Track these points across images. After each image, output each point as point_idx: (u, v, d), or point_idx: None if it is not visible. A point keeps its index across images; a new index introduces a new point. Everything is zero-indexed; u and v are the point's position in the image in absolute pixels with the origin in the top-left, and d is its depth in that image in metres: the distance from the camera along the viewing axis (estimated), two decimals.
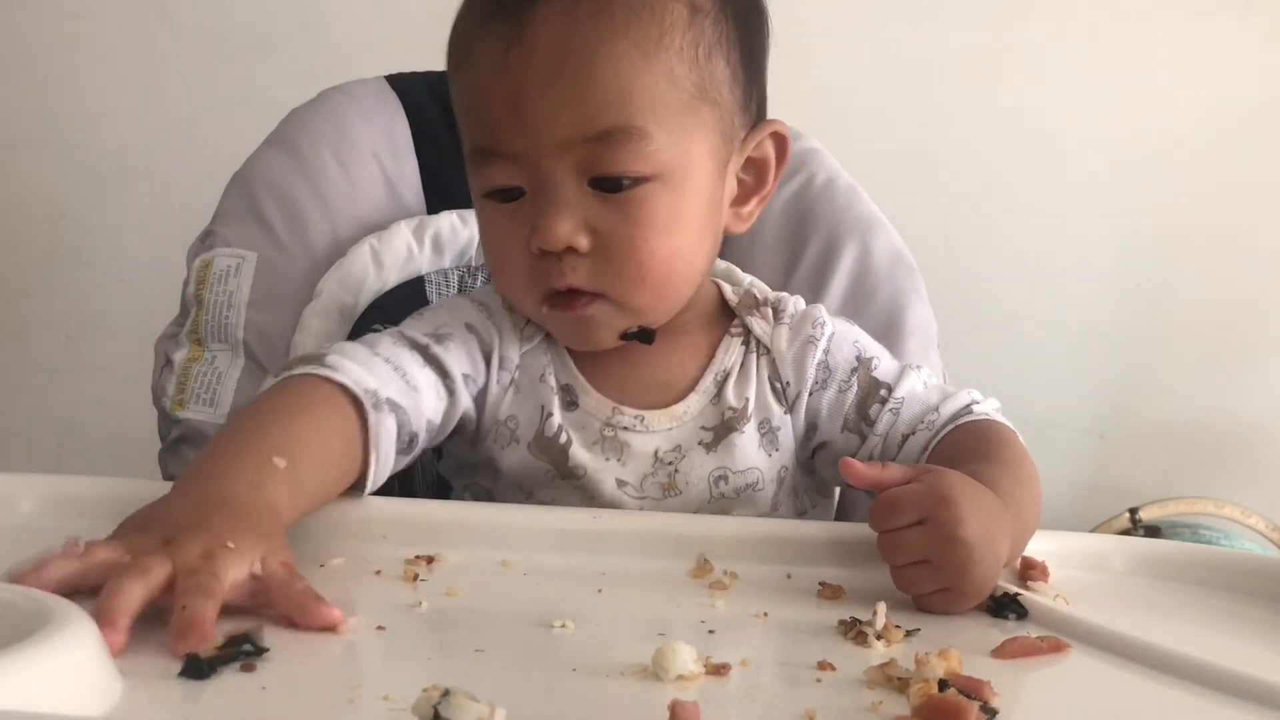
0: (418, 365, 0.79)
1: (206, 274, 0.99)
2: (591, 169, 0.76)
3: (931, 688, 0.48)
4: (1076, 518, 1.85)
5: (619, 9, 0.75)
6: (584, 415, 0.84)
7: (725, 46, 0.79)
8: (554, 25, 0.75)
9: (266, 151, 1.05)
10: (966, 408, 0.84)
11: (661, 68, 0.76)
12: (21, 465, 0.79)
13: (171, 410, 0.97)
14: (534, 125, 0.75)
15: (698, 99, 0.78)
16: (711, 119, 0.79)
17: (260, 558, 0.56)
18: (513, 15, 0.75)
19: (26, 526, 0.71)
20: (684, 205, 0.79)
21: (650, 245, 0.78)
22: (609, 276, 0.78)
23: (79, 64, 1.82)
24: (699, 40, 0.78)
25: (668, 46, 0.76)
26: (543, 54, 0.75)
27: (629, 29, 0.75)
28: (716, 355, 0.87)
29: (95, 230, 1.85)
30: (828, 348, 0.87)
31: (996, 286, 1.91)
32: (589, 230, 0.77)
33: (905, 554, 0.66)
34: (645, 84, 0.75)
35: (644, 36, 0.75)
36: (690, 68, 0.77)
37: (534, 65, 0.75)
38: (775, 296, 0.90)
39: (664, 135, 0.76)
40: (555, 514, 0.78)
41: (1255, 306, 1.95)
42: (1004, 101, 1.91)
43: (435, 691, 0.41)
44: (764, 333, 0.87)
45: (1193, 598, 0.77)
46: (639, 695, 0.49)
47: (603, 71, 0.75)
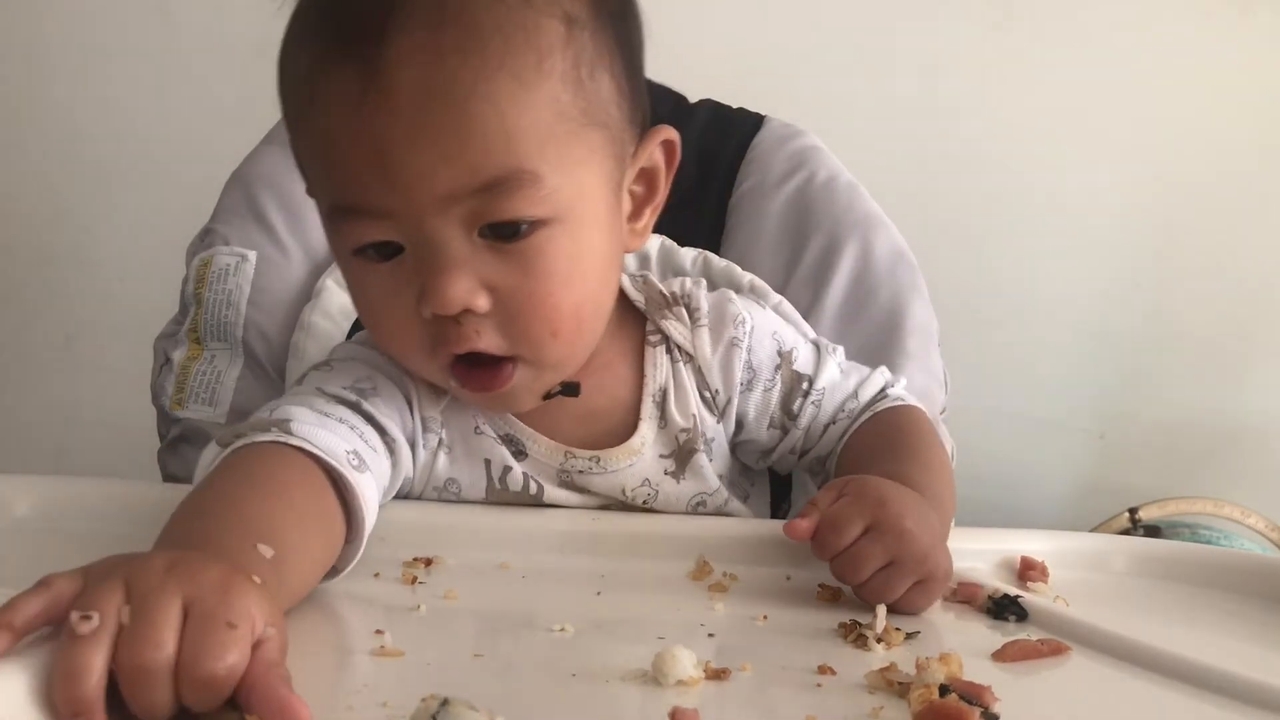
0: (362, 423, 0.71)
1: (206, 272, 0.99)
2: (479, 219, 0.66)
3: (932, 693, 0.48)
4: (1076, 518, 1.85)
5: (490, 37, 0.64)
6: (537, 463, 0.80)
7: (608, 58, 0.70)
8: (416, 64, 0.63)
9: (265, 149, 1.05)
10: (881, 392, 0.86)
11: (545, 99, 0.66)
12: (21, 465, 0.79)
13: (171, 409, 0.97)
14: (407, 183, 0.65)
15: (586, 125, 0.69)
16: (602, 143, 0.70)
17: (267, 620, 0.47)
18: (361, 52, 0.64)
19: (26, 527, 0.71)
20: (586, 245, 0.70)
21: (556, 299, 0.69)
22: (516, 335, 0.70)
23: (79, 63, 1.82)
24: (580, 58, 0.68)
25: (549, 73, 0.66)
26: (407, 99, 0.63)
27: (504, 60, 0.64)
28: (646, 373, 0.82)
29: (95, 230, 1.84)
30: (750, 346, 0.84)
31: (996, 286, 1.91)
32: (486, 288, 0.68)
33: (867, 565, 0.65)
34: (531, 121, 0.65)
35: (522, 66, 0.65)
36: (575, 93, 0.68)
37: (398, 112, 0.64)
38: (683, 291, 0.85)
39: (557, 175, 0.67)
40: (555, 516, 0.77)
41: (1255, 307, 1.95)
42: (1005, 100, 1.90)
43: (434, 701, 0.41)
44: (684, 338, 0.83)
45: (1193, 598, 0.77)
46: (639, 701, 0.48)
47: (480, 114, 0.64)
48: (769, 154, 1.12)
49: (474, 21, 0.64)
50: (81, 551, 0.68)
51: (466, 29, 0.64)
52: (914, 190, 1.78)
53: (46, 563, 0.66)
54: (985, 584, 0.69)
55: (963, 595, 0.69)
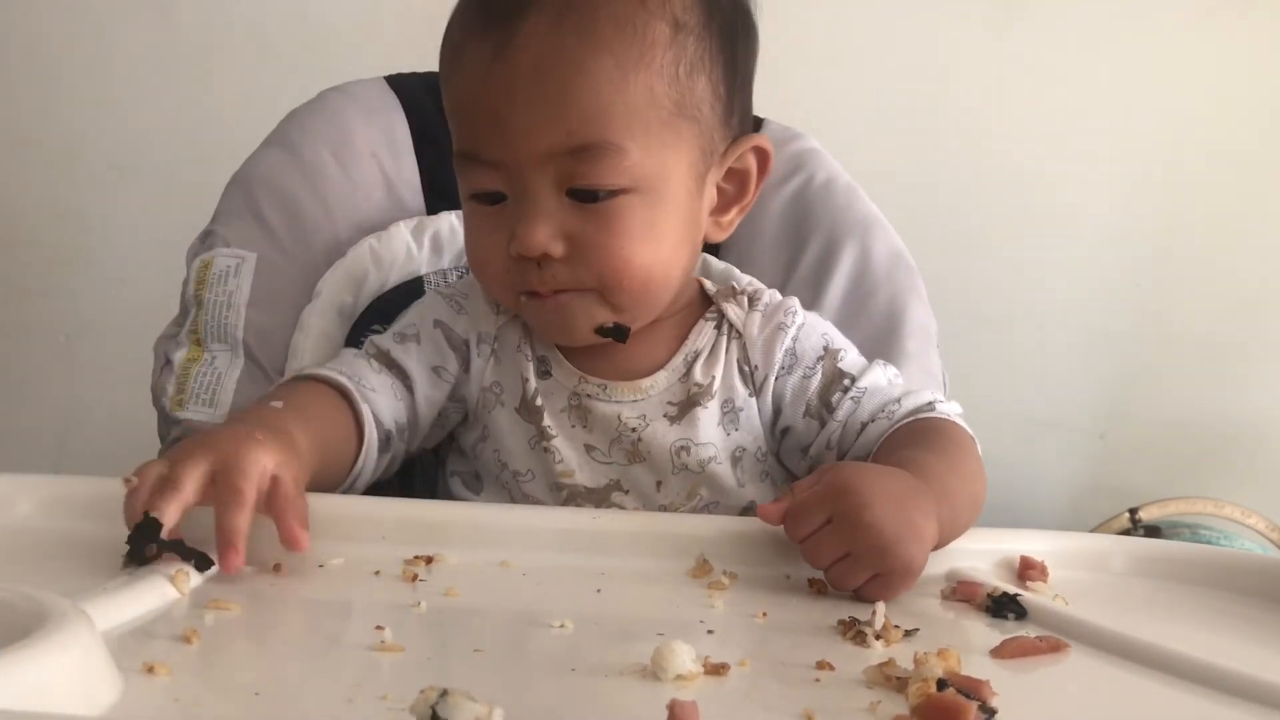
0: (372, 372, 0.86)
1: (206, 274, 0.99)
2: (569, 180, 0.78)
3: (930, 687, 0.48)
4: (1076, 518, 1.85)
5: (605, 25, 0.77)
6: (554, 384, 0.88)
7: (707, 64, 0.81)
8: (539, 39, 0.76)
9: (266, 152, 1.05)
10: (929, 404, 0.85)
11: (641, 86, 0.77)
12: (21, 465, 0.80)
13: (171, 410, 0.97)
14: (514, 137, 0.77)
15: (677, 116, 0.79)
16: (690, 134, 0.81)
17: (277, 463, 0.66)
18: (500, 26, 0.77)
19: (26, 527, 0.71)
20: (659, 216, 0.80)
21: (625, 253, 0.80)
22: (586, 280, 0.81)
23: (79, 63, 1.82)
24: (680, 58, 0.79)
25: (649, 64, 0.77)
26: (526, 68, 0.76)
27: (612, 46, 0.76)
28: (688, 339, 0.89)
29: (95, 230, 1.84)
30: (796, 335, 0.89)
31: (996, 286, 1.91)
32: (565, 238, 0.79)
33: (826, 554, 0.68)
34: (624, 102, 0.77)
35: (626, 54, 0.77)
36: (670, 85, 0.78)
37: (517, 79, 0.76)
38: (754, 288, 0.93)
39: (640, 151, 0.78)
40: (554, 514, 0.78)
41: (1255, 307, 1.95)
42: (1004, 102, 1.90)
43: (433, 692, 0.41)
44: (737, 317, 0.89)
45: (1193, 598, 0.77)
46: (638, 695, 0.49)
47: (583, 88, 0.76)
48: None
49: (594, 12, 0.77)
50: (81, 551, 0.68)
51: (585, 16, 0.77)
52: (913, 192, 1.78)
53: (46, 563, 0.66)
54: (985, 583, 0.70)
55: (962, 594, 0.69)
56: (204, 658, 0.50)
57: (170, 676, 0.46)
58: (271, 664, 0.52)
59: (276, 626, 0.59)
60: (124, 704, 0.43)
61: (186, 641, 0.50)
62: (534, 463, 0.87)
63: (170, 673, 0.46)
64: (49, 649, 0.41)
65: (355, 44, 1.74)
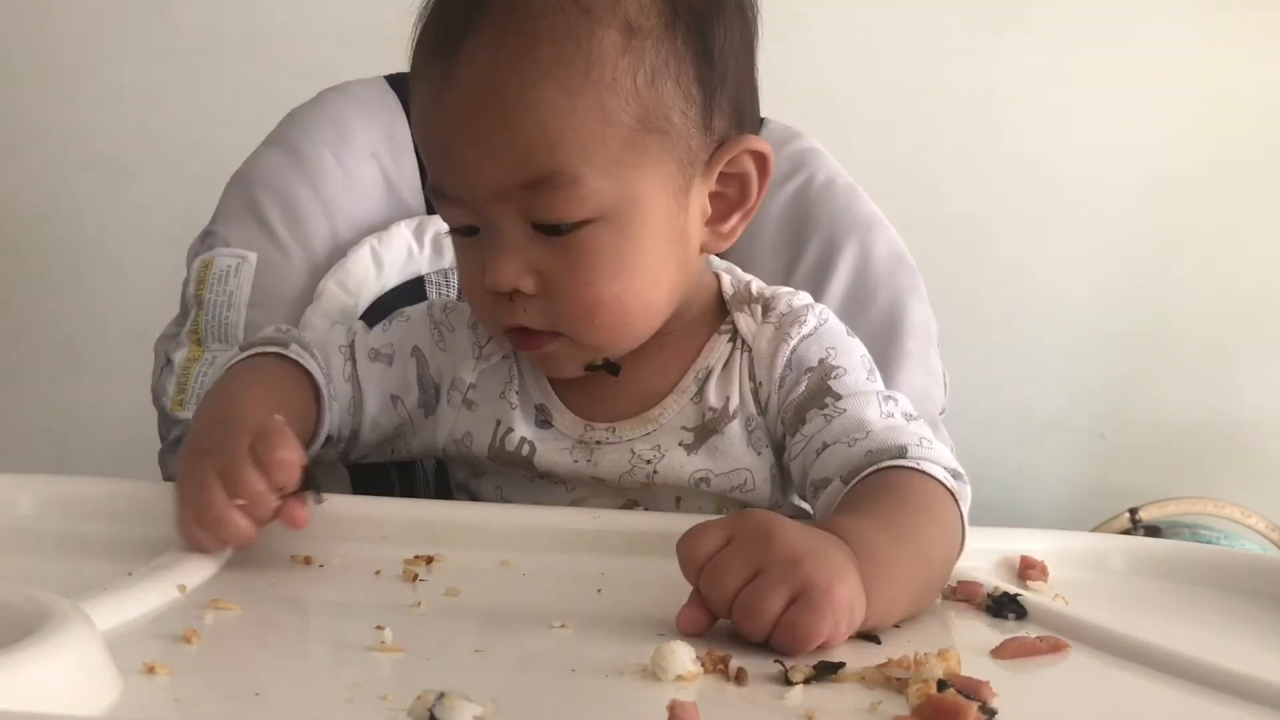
0: (341, 378, 0.84)
1: (206, 274, 0.99)
2: (530, 214, 0.73)
3: (930, 688, 0.48)
4: (1076, 518, 1.85)
5: (544, 45, 0.70)
6: (557, 433, 0.83)
7: (674, 67, 0.73)
8: (479, 65, 0.71)
9: (266, 152, 1.05)
10: (900, 449, 0.72)
11: (590, 105, 0.71)
12: (21, 465, 0.80)
13: (172, 410, 0.97)
14: (467, 174, 0.74)
15: (640, 131, 0.72)
16: (659, 148, 0.74)
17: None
18: (445, 50, 0.73)
19: (26, 527, 0.71)
20: (633, 242, 0.75)
21: (596, 289, 0.75)
22: (558, 317, 0.76)
23: (78, 64, 1.82)
24: (638, 66, 0.72)
25: (597, 80, 0.71)
26: (467, 98, 0.72)
27: (552, 67, 0.70)
28: (700, 355, 0.83)
29: (95, 230, 1.84)
30: (796, 347, 0.81)
31: (997, 287, 1.91)
32: (535, 273, 0.75)
33: (731, 576, 0.56)
34: (572, 126, 0.71)
35: (569, 74, 0.70)
36: (627, 99, 0.72)
37: (460, 111, 0.72)
38: (770, 293, 0.86)
39: (599, 177, 0.72)
40: (555, 514, 0.78)
41: (1255, 307, 1.95)
42: (1004, 101, 1.90)
43: (430, 695, 0.41)
44: (748, 330, 0.83)
45: (1193, 598, 0.77)
46: (638, 695, 0.49)
47: (524, 117, 0.70)
48: None
49: (534, 29, 0.70)
50: (81, 551, 0.68)
51: (526, 36, 0.70)
52: (913, 191, 1.78)
53: (47, 562, 0.66)
54: (985, 582, 0.69)
55: (962, 593, 0.69)
56: (204, 658, 0.50)
57: (170, 676, 0.46)
58: (271, 664, 0.52)
59: (276, 626, 0.59)
60: (124, 704, 0.43)
61: (186, 641, 0.50)
62: (538, 495, 0.84)
63: (170, 673, 0.46)
64: (49, 649, 0.41)
65: (355, 44, 1.74)
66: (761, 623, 0.55)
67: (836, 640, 0.56)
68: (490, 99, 0.71)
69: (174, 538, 0.66)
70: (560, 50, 0.70)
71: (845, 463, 0.74)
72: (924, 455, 0.71)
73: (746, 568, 0.56)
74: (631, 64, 0.72)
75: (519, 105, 0.70)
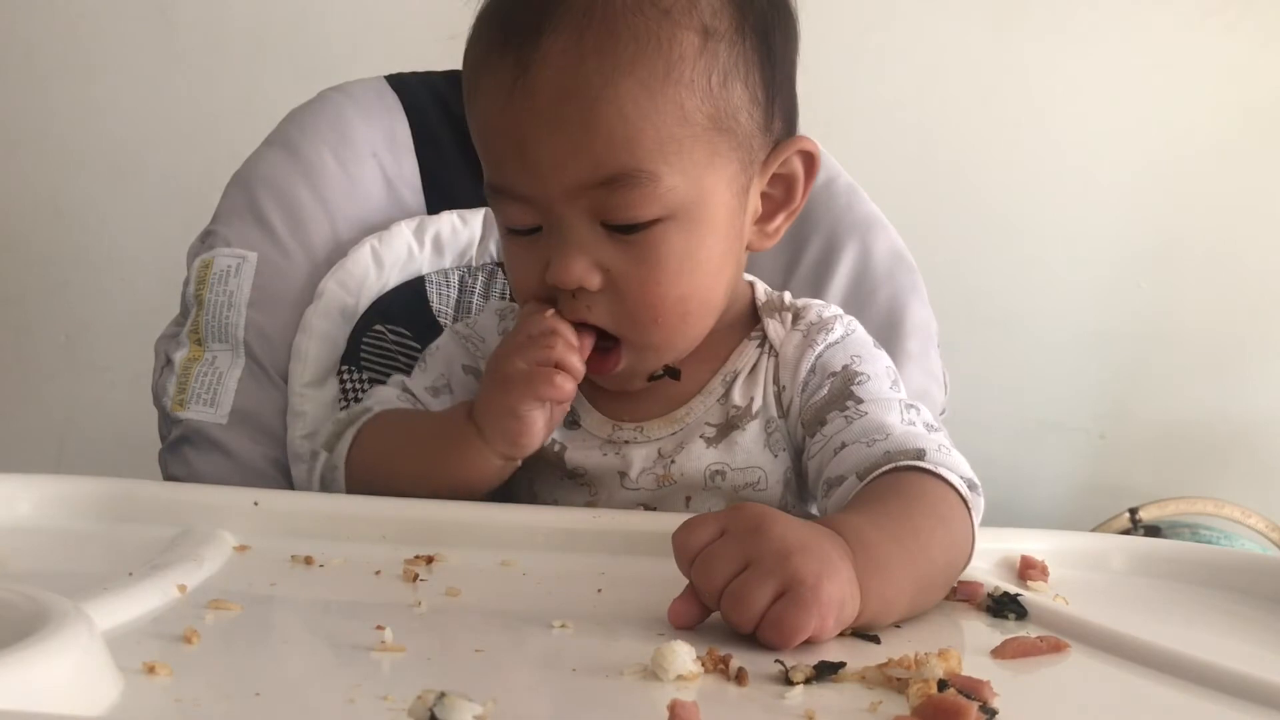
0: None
1: (206, 274, 0.99)
2: (602, 213, 0.74)
3: (931, 688, 0.48)
4: (1076, 518, 1.85)
5: (625, 43, 0.71)
6: (585, 433, 0.85)
7: (743, 69, 0.75)
8: (558, 64, 0.71)
9: (266, 151, 1.05)
10: (920, 451, 0.72)
11: (670, 104, 0.72)
12: (21, 465, 0.79)
13: (172, 410, 0.97)
14: (541, 172, 0.74)
15: (712, 130, 0.74)
16: (727, 148, 0.76)
17: None
18: (517, 49, 0.73)
19: (26, 526, 0.71)
20: (700, 241, 0.76)
21: (663, 289, 0.76)
22: (621, 316, 0.77)
23: (79, 64, 1.82)
24: (712, 68, 0.74)
25: (676, 80, 0.72)
26: (546, 96, 0.72)
27: (634, 66, 0.71)
28: (730, 358, 0.85)
29: (95, 230, 1.85)
30: (822, 352, 0.83)
31: (996, 286, 1.91)
32: (601, 270, 0.75)
33: (721, 567, 0.57)
34: (652, 124, 0.72)
35: (650, 73, 0.72)
36: (703, 99, 0.73)
37: (537, 108, 0.72)
38: (802, 304, 0.88)
39: (675, 175, 0.73)
40: (555, 514, 0.78)
41: (1255, 306, 1.95)
42: (1004, 101, 1.90)
43: (430, 695, 0.41)
44: (776, 335, 0.85)
45: (1193, 598, 0.77)
46: (638, 695, 0.49)
47: (606, 115, 0.71)
48: None
49: (614, 29, 0.72)
50: (81, 551, 0.68)
51: (606, 35, 0.72)
52: (914, 191, 1.78)
53: (47, 562, 0.66)
54: (985, 582, 0.69)
55: (963, 593, 0.69)
56: (204, 658, 0.50)
57: (170, 676, 0.46)
58: (271, 664, 0.52)
59: (276, 626, 0.59)
60: (124, 704, 0.43)
61: (186, 641, 0.50)
62: (562, 494, 0.86)
63: (170, 673, 0.46)
64: (49, 649, 0.41)
65: (355, 44, 1.74)
66: (748, 615, 0.55)
67: (823, 635, 0.56)
68: (571, 95, 0.71)
69: (174, 538, 0.67)
70: (641, 50, 0.72)
71: (862, 460, 0.74)
72: (941, 460, 0.72)
73: (736, 560, 0.57)
74: (707, 65, 0.73)
75: (601, 103, 0.71)
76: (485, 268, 1.06)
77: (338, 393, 1.00)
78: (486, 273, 1.06)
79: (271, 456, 0.97)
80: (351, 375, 1.00)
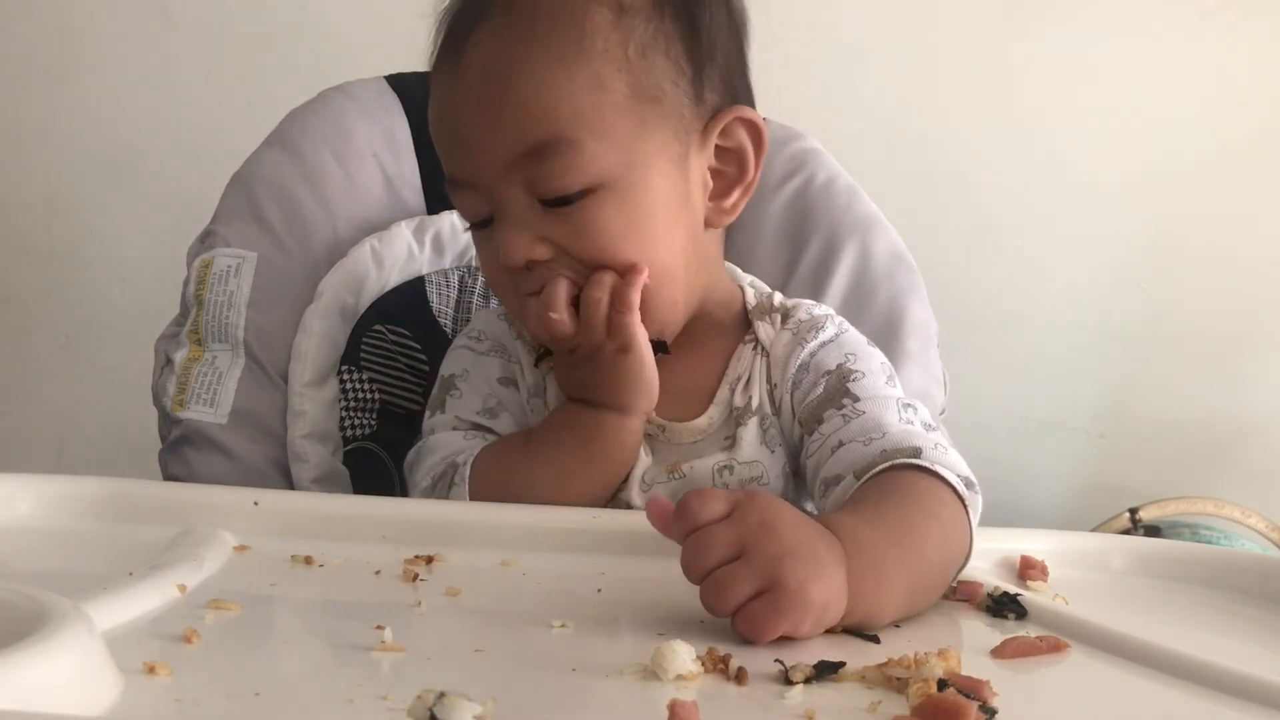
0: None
1: (206, 274, 0.99)
2: (535, 188, 0.77)
3: (930, 687, 0.48)
4: (1076, 518, 1.85)
5: (541, 22, 0.76)
6: None
7: (663, 41, 0.78)
8: (484, 48, 0.77)
9: (266, 151, 1.05)
10: (916, 449, 0.72)
11: (584, 74, 0.76)
12: (21, 465, 0.79)
13: (172, 410, 0.97)
14: (474, 151, 0.78)
15: (634, 99, 0.77)
16: (656, 117, 0.78)
17: None
18: (456, 43, 0.78)
19: (26, 526, 0.71)
20: (637, 208, 0.78)
21: (609, 253, 0.78)
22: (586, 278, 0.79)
23: (79, 64, 1.82)
24: (628, 40, 0.77)
25: (589, 51, 0.76)
26: (472, 78, 0.77)
27: (550, 41, 0.76)
28: (730, 365, 0.87)
29: (95, 230, 1.85)
30: (815, 351, 0.85)
31: (996, 286, 1.91)
32: (546, 242, 0.78)
33: (715, 550, 0.57)
34: (569, 93, 0.75)
35: (564, 46, 0.76)
36: (620, 68, 0.77)
37: (467, 91, 0.77)
38: (792, 304, 0.89)
39: (598, 142, 0.76)
40: (555, 514, 0.78)
41: (1255, 306, 1.95)
42: (1004, 101, 1.91)
43: (430, 694, 0.41)
44: (767, 337, 0.87)
45: (1193, 598, 0.77)
46: (638, 695, 0.49)
47: (525, 87, 0.75)
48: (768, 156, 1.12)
49: (534, 12, 0.77)
50: (81, 551, 0.68)
51: (527, 18, 0.77)
52: (914, 191, 1.78)
53: (47, 562, 0.66)
54: (985, 582, 0.69)
55: (962, 593, 0.69)
56: (204, 658, 0.50)
57: (170, 676, 0.46)
58: (271, 664, 0.52)
59: (276, 626, 0.59)
60: (124, 704, 0.43)
61: (186, 641, 0.50)
62: None
63: (170, 673, 0.46)
64: (49, 649, 0.41)
65: (355, 44, 1.74)
66: (725, 605, 0.57)
67: (798, 636, 0.57)
68: (491, 75, 0.76)
69: (174, 538, 0.67)
70: (555, 27, 0.76)
71: (859, 459, 0.74)
72: (938, 459, 0.72)
73: (733, 547, 0.57)
74: (622, 38, 0.77)
75: (518, 77, 0.76)
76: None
77: (338, 393, 1.00)
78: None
79: (271, 456, 0.97)
80: (351, 375, 1.00)
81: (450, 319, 1.04)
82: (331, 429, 0.98)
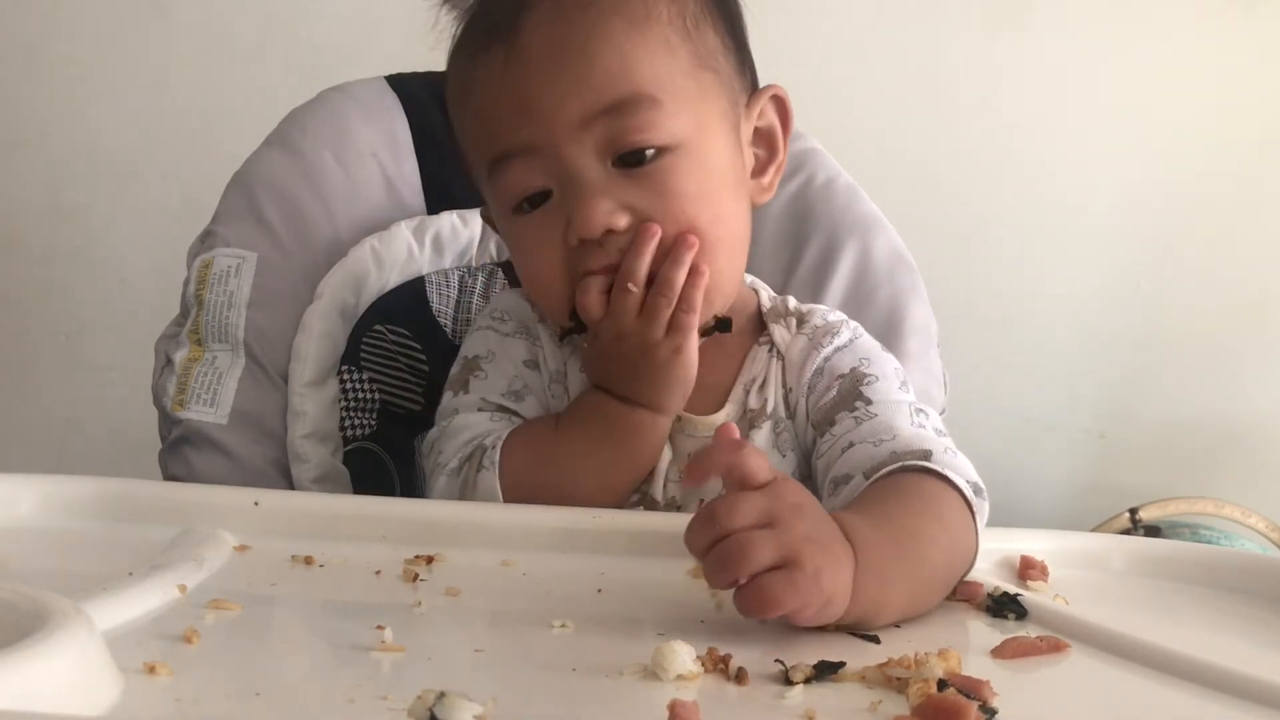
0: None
1: (206, 274, 0.99)
2: (612, 145, 0.77)
3: (931, 687, 0.48)
4: (1076, 518, 1.85)
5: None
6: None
7: (710, 17, 0.81)
8: (543, 26, 0.77)
9: (267, 152, 1.05)
10: (926, 452, 0.72)
11: (656, 37, 0.78)
12: (21, 465, 0.79)
13: (172, 410, 0.97)
14: (546, 115, 0.77)
15: (697, 67, 0.79)
16: (715, 85, 0.80)
17: None
18: (505, 32, 0.78)
19: (26, 526, 0.71)
20: (709, 172, 0.79)
21: (691, 215, 0.77)
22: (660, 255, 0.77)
23: (79, 64, 1.82)
24: (684, 11, 0.80)
25: (657, 18, 0.78)
26: (538, 52, 0.77)
27: (616, 9, 0.77)
28: (745, 365, 0.87)
29: (95, 230, 1.85)
30: (830, 356, 0.85)
31: (996, 286, 1.91)
32: (625, 208, 0.77)
33: (746, 514, 0.57)
34: (645, 54, 0.77)
35: (632, 12, 0.78)
36: (683, 37, 0.79)
37: (533, 64, 0.77)
38: (807, 309, 0.90)
39: (674, 102, 0.77)
40: (555, 514, 0.78)
41: (1255, 307, 1.95)
42: (1004, 101, 1.91)
43: (430, 694, 0.41)
44: (783, 340, 0.87)
45: (1193, 598, 0.77)
46: (638, 695, 0.49)
47: (601, 50, 0.76)
48: None
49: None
50: (81, 551, 0.68)
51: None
52: (914, 191, 1.78)
53: (47, 562, 0.66)
54: (985, 582, 0.69)
55: (962, 593, 0.69)
56: (204, 658, 0.50)
57: (170, 676, 0.46)
58: (271, 664, 0.52)
59: (276, 626, 0.59)
60: (124, 704, 0.43)
61: (186, 641, 0.50)
62: None
63: (170, 673, 0.46)
64: (49, 649, 0.41)
65: (355, 44, 1.74)
66: (743, 567, 0.56)
67: (799, 620, 0.57)
68: (565, 43, 0.77)
69: (174, 538, 0.67)
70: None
71: (868, 460, 0.75)
72: (948, 463, 0.72)
73: (764, 515, 0.58)
74: (679, 9, 0.79)
75: (592, 40, 0.77)
76: (485, 268, 1.06)
77: (338, 393, 1.00)
78: (486, 273, 1.06)
79: (271, 456, 0.97)
80: (351, 375, 1.00)
81: (450, 319, 1.04)
82: (331, 429, 0.98)
